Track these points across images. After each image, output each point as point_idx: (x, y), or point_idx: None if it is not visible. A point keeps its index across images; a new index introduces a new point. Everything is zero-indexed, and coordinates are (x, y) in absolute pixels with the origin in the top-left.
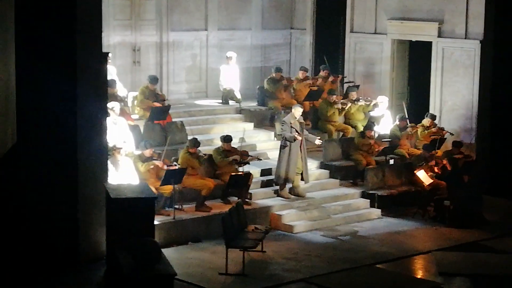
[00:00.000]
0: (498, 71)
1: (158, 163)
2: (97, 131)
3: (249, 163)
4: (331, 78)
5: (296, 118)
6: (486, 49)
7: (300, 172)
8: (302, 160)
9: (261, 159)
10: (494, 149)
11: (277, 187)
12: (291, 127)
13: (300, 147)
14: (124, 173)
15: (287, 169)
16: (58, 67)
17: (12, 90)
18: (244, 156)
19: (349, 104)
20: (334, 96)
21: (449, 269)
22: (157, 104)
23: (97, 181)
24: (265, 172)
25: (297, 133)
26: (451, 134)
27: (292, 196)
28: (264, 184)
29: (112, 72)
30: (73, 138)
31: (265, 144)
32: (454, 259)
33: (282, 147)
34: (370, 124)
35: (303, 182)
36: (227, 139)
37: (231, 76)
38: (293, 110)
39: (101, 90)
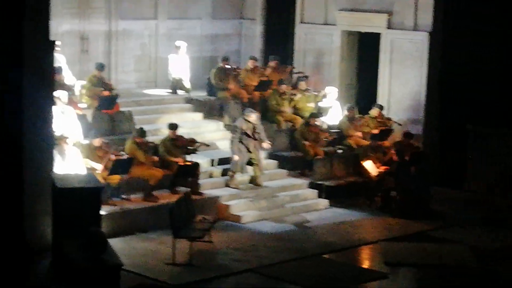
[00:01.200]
0: (446, 62)
1: (98, 166)
2: (43, 120)
3: (197, 150)
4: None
5: (251, 124)
6: (435, 40)
7: (257, 163)
8: (257, 152)
9: (209, 145)
10: (441, 140)
11: (228, 177)
12: (243, 133)
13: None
14: (71, 162)
15: (242, 160)
16: (4, 54)
17: None
18: (191, 143)
19: (299, 95)
20: (284, 86)
21: (395, 259)
22: (105, 93)
23: (43, 170)
24: (214, 162)
25: (248, 137)
26: (399, 124)
27: (241, 186)
28: (212, 175)
29: (61, 60)
30: (18, 127)
31: (214, 134)
32: (400, 249)
33: (238, 150)
34: (315, 113)
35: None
36: (173, 126)
37: (180, 65)
38: (246, 116)
39: (48, 79)
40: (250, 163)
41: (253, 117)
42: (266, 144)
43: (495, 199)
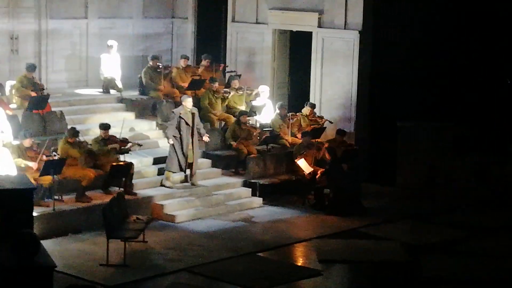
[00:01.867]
0: (376, 61)
1: (32, 164)
2: None
3: (130, 150)
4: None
5: (188, 109)
6: (365, 39)
7: (191, 162)
8: (193, 150)
9: (141, 145)
10: (372, 137)
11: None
12: (180, 117)
13: (192, 137)
14: (1, 163)
15: (179, 159)
16: None
17: None
18: (123, 143)
19: (232, 93)
20: (216, 84)
21: (329, 256)
22: (36, 93)
23: None
24: (146, 162)
25: (186, 125)
26: (331, 122)
27: (177, 185)
28: (145, 174)
29: None
30: None
31: (147, 133)
32: (334, 246)
33: (174, 137)
34: (245, 111)
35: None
36: (104, 126)
37: (112, 65)
38: (183, 101)
39: None
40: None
41: (189, 101)
42: (206, 137)
43: (425, 194)
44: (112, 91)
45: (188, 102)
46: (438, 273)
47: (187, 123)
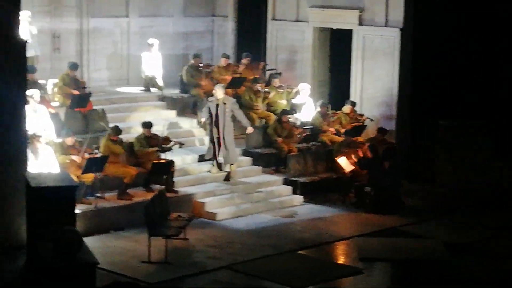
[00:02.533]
0: (417, 58)
1: (76, 158)
2: (16, 119)
3: (171, 149)
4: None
5: (218, 98)
6: (406, 36)
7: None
8: (222, 143)
9: (183, 144)
10: (413, 135)
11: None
12: (208, 107)
13: (218, 127)
14: (44, 161)
15: (210, 148)
16: None
17: None
18: (165, 142)
19: (273, 92)
20: (258, 84)
21: (370, 255)
22: (77, 92)
23: (16, 169)
24: (187, 159)
25: (212, 114)
26: (371, 120)
27: (220, 173)
28: (187, 172)
29: (32, 32)
30: None
31: (188, 131)
32: (374, 244)
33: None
34: (286, 109)
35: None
36: (147, 124)
37: (153, 63)
38: (214, 90)
39: (20, 77)
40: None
41: (219, 90)
42: (250, 129)
43: (465, 193)
44: (153, 89)
45: (219, 91)
46: (475, 273)
47: (210, 112)
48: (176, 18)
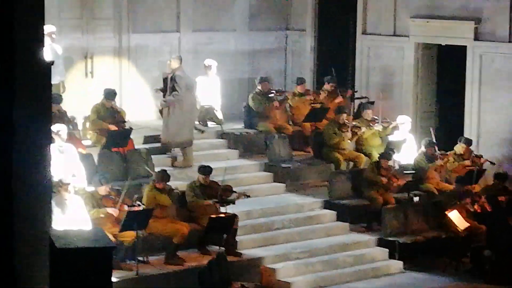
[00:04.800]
0: None
1: (112, 211)
2: (38, 162)
3: (234, 203)
4: (338, 99)
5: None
6: None
7: None
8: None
9: (249, 196)
10: None
11: None
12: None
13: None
14: (73, 215)
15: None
16: None
17: None
18: (227, 193)
19: (363, 127)
20: (344, 116)
21: None
22: (115, 127)
23: (38, 226)
24: (254, 213)
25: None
26: (492, 163)
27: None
28: (253, 229)
29: (58, 51)
30: (8, 171)
31: (253, 177)
32: None
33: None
34: (387, 152)
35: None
36: (205, 170)
37: (210, 90)
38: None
39: (43, 109)
40: None
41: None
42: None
43: None
44: (211, 123)
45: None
46: None
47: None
48: (239, 33)
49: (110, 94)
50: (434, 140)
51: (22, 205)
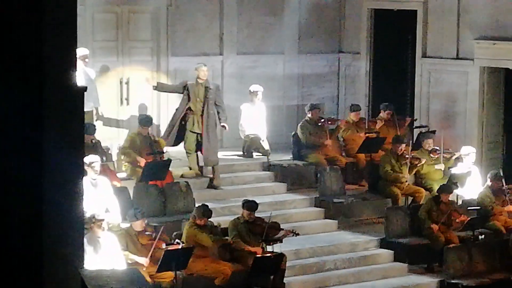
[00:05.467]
0: None
1: (143, 261)
2: (69, 196)
3: (281, 241)
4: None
5: (201, 80)
6: None
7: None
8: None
9: (298, 234)
10: None
11: None
12: (186, 87)
13: (202, 122)
14: (107, 254)
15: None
16: (18, 107)
17: None
18: (273, 230)
19: (424, 159)
20: (402, 146)
21: None
22: (152, 158)
23: (69, 265)
24: (303, 253)
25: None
26: None
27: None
28: (303, 270)
29: (91, 75)
30: (37, 206)
31: (303, 213)
32: None
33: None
34: (448, 185)
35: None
36: (249, 206)
37: (256, 118)
38: (196, 71)
39: (75, 139)
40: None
41: (202, 70)
42: (225, 125)
43: None
44: (256, 154)
45: (201, 71)
46: None
47: (189, 96)
48: (287, 56)
49: (146, 121)
50: (501, 173)
51: (52, 243)
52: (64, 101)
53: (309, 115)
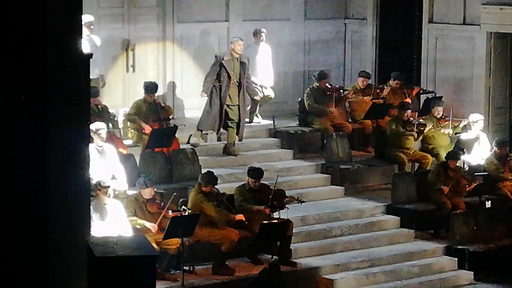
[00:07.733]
0: None
1: (151, 226)
2: (75, 164)
3: (287, 208)
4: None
5: (236, 55)
6: None
7: (237, 122)
8: (239, 109)
9: (304, 201)
10: None
11: None
12: (222, 64)
13: (239, 92)
14: (113, 221)
15: (213, 116)
16: (22, 74)
17: None
18: (279, 197)
19: (430, 125)
20: (408, 112)
21: None
22: (158, 125)
23: (75, 232)
24: (310, 219)
25: (227, 75)
26: None
27: (200, 143)
28: (309, 237)
29: (96, 43)
30: (42, 174)
31: (309, 180)
32: None
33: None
34: (456, 151)
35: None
36: (255, 173)
37: (261, 60)
38: (232, 44)
39: (81, 106)
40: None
41: (238, 44)
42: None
43: None
44: (255, 120)
45: (237, 45)
46: None
47: (228, 74)
48: (294, 22)
49: (150, 88)
50: (507, 140)
51: (58, 211)
52: (69, 68)
53: (317, 83)
